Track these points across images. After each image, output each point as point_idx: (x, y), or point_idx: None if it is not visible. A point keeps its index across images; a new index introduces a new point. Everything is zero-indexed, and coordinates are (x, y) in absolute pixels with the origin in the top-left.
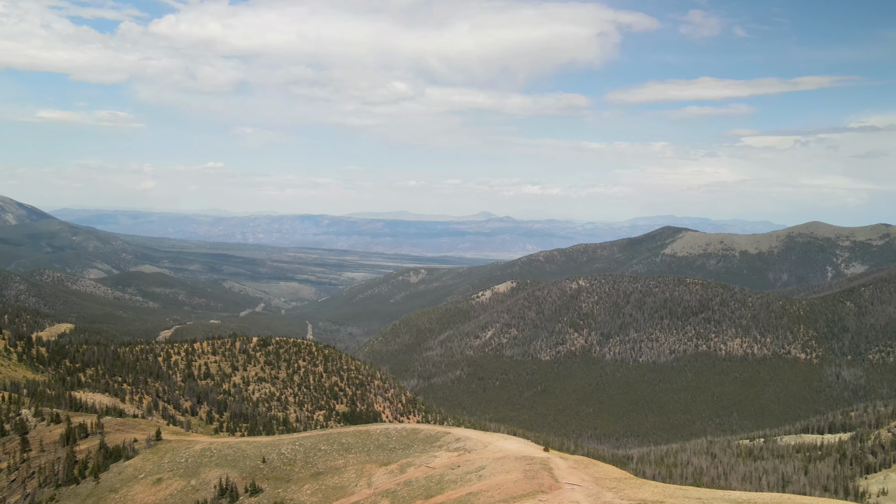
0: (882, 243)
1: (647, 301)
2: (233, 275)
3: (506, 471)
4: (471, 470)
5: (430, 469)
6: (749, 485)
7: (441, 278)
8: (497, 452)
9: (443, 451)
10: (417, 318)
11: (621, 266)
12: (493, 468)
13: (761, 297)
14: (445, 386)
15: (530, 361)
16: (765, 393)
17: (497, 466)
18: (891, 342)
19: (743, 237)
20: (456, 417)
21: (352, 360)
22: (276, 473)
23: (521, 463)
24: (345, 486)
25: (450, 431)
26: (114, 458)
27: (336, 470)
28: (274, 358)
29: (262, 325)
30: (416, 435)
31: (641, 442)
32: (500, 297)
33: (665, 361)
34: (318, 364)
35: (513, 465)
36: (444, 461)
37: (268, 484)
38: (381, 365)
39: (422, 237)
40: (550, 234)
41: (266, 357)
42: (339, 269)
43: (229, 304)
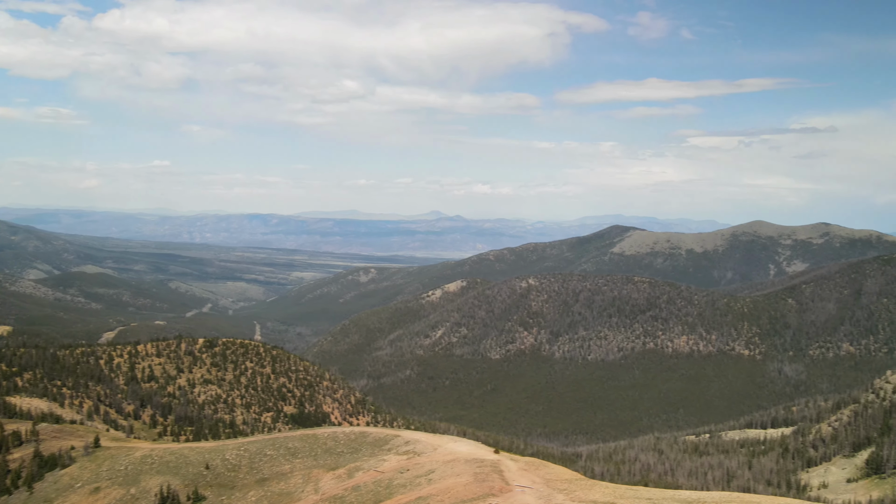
0: (822, 242)
1: (595, 299)
2: (179, 275)
3: (456, 474)
4: (420, 474)
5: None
6: (695, 480)
7: (391, 278)
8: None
9: (392, 455)
10: (367, 318)
11: (570, 265)
12: (443, 471)
13: (707, 295)
14: (395, 386)
15: (480, 360)
16: (710, 389)
17: (447, 470)
18: (830, 338)
19: (689, 236)
20: (406, 418)
21: (300, 360)
22: (220, 480)
23: (471, 466)
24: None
25: (399, 434)
26: (49, 467)
27: (282, 476)
28: (221, 359)
29: (209, 326)
30: (365, 438)
31: (590, 439)
32: (451, 296)
33: (613, 359)
34: (265, 365)
35: (463, 468)
36: (393, 465)
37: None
38: (331, 365)
39: (372, 236)
40: (500, 233)
41: (212, 359)
42: (287, 269)
43: (175, 305)
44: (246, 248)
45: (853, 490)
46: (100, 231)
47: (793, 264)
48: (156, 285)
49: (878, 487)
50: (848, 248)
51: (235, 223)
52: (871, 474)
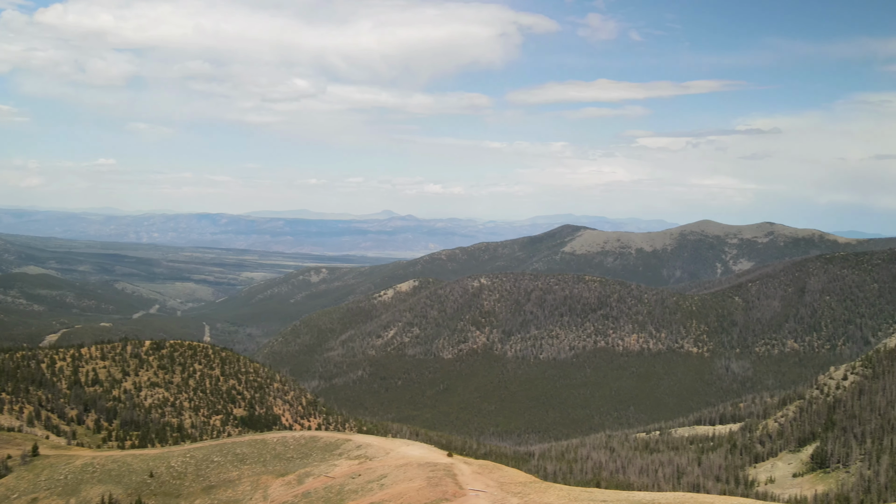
0: (767, 241)
1: (547, 298)
2: (126, 275)
3: (408, 478)
4: (372, 479)
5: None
6: (646, 477)
7: (342, 277)
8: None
9: (343, 460)
10: (318, 318)
11: (522, 264)
12: (396, 476)
13: (656, 294)
14: (347, 386)
15: (433, 360)
16: (660, 386)
17: (399, 474)
18: (775, 335)
19: (638, 235)
20: (358, 419)
21: (250, 362)
22: (165, 489)
23: (424, 470)
24: (239, 500)
25: (350, 438)
26: None
27: (229, 483)
28: (168, 362)
29: (157, 328)
30: (315, 443)
31: (542, 437)
32: (403, 295)
33: (565, 358)
34: (214, 367)
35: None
36: (344, 470)
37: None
38: (282, 366)
39: (323, 236)
40: (452, 232)
41: (160, 361)
42: (237, 269)
43: (122, 306)
44: (195, 248)
45: (799, 484)
46: (42, 231)
47: (739, 263)
48: (101, 286)
49: (823, 481)
50: (792, 247)
51: (184, 223)
52: (815, 469)
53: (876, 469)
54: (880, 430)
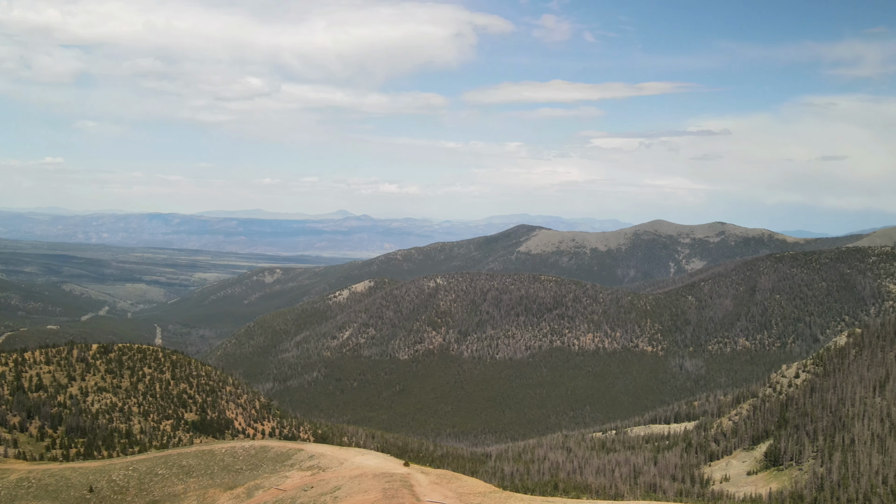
0: (718, 240)
1: (503, 298)
2: (74, 277)
3: (363, 490)
4: (325, 491)
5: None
6: (603, 477)
7: (297, 278)
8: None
9: (295, 471)
10: (272, 320)
11: (478, 264)
12: (350, 488)
13: (611, 293)
14: (302, 388)
15: (388, 361)
16: (615, 385)
17: (354, 486)
18: (727, 333)
19: (593, 235)
20: (313, 422)
21: (202, 365)
22: None
23: (379, 481)
24: None
25: (303, 448)
26: None
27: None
28: (116, 366)
29: (107, 330)
30: (266, 453)
31: (499, 438)
32: (358, 296)
33: (521, 357)
34: (165, 371)
35: (371, 484)
36: (296, 482)
37: None
38: (235, 368)
39: (277, 236)
40: (408, 232)
41: (107, 365)
42: (190, 270)
43: (70, 308)
44: (146, 249)
45: (753, 482)
46: None
47: (691, 262)
48: (48, 288)
49: (777, 479)
50: (742, 247)
51: (135, 223)
52: (769, 466)
53: (828, 466)
54: (832, 428)
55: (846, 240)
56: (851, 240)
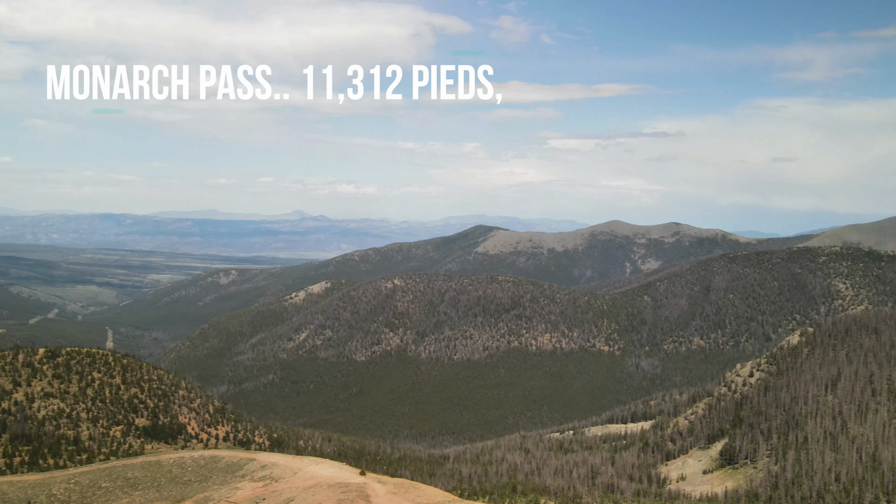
0: (673, 241)
1: (461, 299)
2: (21, 278)
3: (317, 501)
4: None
5: None
6: (561, 478)
7: (253, 279)
8: (308, 480)
9: (246, 482)
10: (228, 321)
11: (436, 264)
12: (304, 499)
13: (568, 294)
14: (258, 391)
15: (345, 363)
16: (572, 385)
17: (308, 497)
18: (682, 333)
19: (550, 235)
20: (268, 425)
21: (154, 369)
22: None
23: (334, 492)
24: None
25: (255, 457)
26: None
27: None
28: (64, 371)
29: (56, 333)
30: (216, 464)
31: (457, 439)
32: (315, 297)
33: (479, 358)
34: (115, 375)
35: (325, 495)
36: (247, 493)
37: None
38: (189, 371)
39: (233, 237)
40: (365, 233)
41: (55, 370)
42: (143, 271)
43: (17, 311)
44: (97, 250)
45: (709, 481)
46: None
47: (647, 262)
48: None
49: (732, 477)
50: (696, 247)
51: (86, 223)
52: (724, 465)
53: (782, 464)
54: (785, 426)
55: (796, 240)
56: (801, 240)
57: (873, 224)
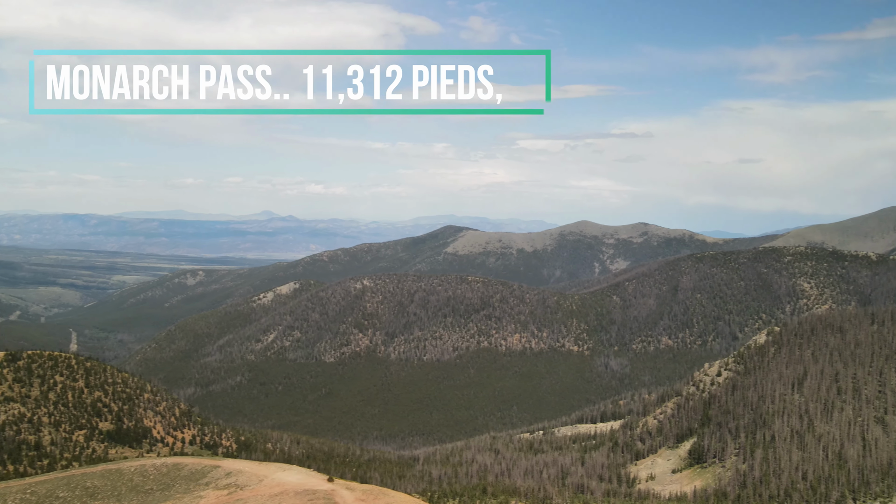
0: (641, 241)
1: (430, 299)
2: None
3: None
4: None
5: None
6: (531, 479)
7: (220, 280)
8: (274, 487)
9: (210, 490)
10: (195, 323)
11: (405, 265)
12: None
13: (538, 294)
14: (225, 393)
15: (314, 364)
16: (542, 385)
17: None
18: (651, 332)
19: (519, 236)
20: (236, 428)
21: (118, 372)
22: None
23: (301, 499)
24: None
25: (219, 464)
26: None
27: None
28: (25, 374)
29: (17, 336)
30: (179, 471)
31: (426, 440)
32: (283, 298)
33: (448, 359)
34: (78, 379)
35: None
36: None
37: None
38: (155, 374)
39: (200, 237)
40: (334, 233)
41: (15, 374)
42: (108, 272)
43: None
44: (61, 251)
45: (678, 480)
46: None
47: (616, 262)
48: None
49: (700, 476)
50: (664, 247)
51: (49, 224)
52: (693, 464)
53: (750, 463)
54: (753, 425)
55: (762, 240)
56: (767, 240)
57: (836, 224)
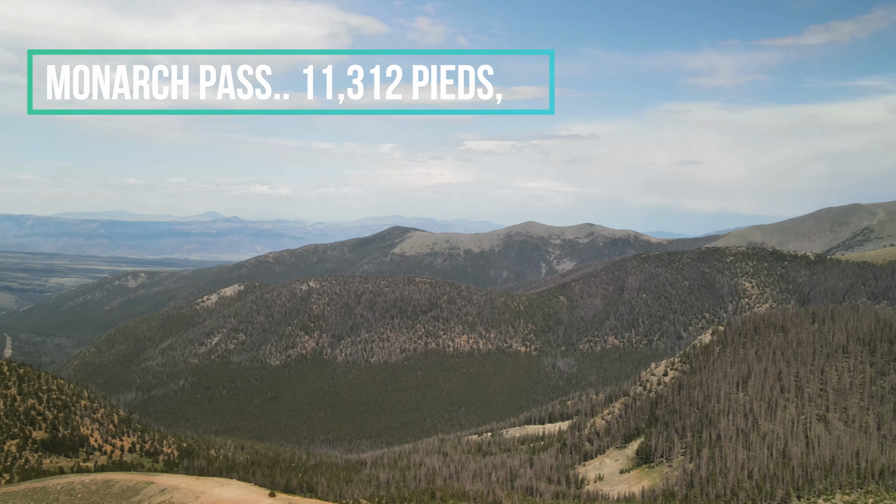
0: (587, 241)
1: (377, 301)
2: None
3: None
4: None
5: None
6: (480, 482)
7: (163, 282)
8: None
9: None
10: (136, 326)
11: (352, 266)
12: None
13: (485, 294)
14: (168, 398)
15: (259, 367)
16: (490, 386)
17: None
18: (597, 332)
19: (467, 236)
20: (177, 434)
21: (53, 378)
22: None
23: None
24: None
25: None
26: None
27: None
28: None
29: None
30: (109, 489)
31: (374, 443)
32: (227, 300)
33: (396, 360)
34: (10, 386)
35: None
36: None
37: None
38: (94, 379)
39: (142, 238)
40: (280, 234)
41: None
42: (46, 275)
43: None
44: None
45: (626, 480)
46: None
47: (562, 263)
48: None
49: (648, 476)
50: (610, 247)
51: None
52: (641, 464)
53: (697, 462)
54: (699, 424)
55: (704, 240)
56: (709, 240)
57: (776, 225)
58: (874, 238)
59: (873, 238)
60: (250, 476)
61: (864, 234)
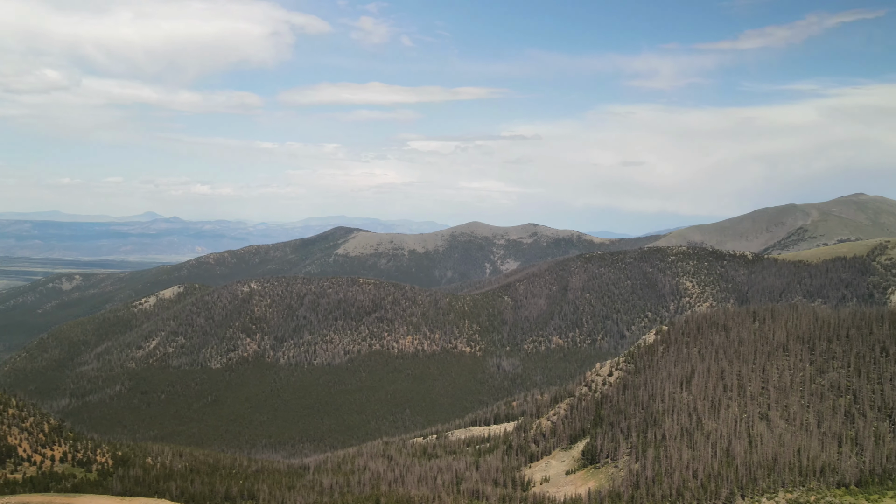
0: (531, 241)
1: (321, 302)
2: None
3: None
4: None
5: None
6: (425, 486)
7: (99, 284)
8: None
9: None
10: (70, 330)
11: (294, 267)
12: None
13: (430, 295)
14: (104, 403)
15: (199, 370)
16: (435, 387)
17: None
18: (542, 332)
19: (411, 237)
20: (113, 442)
21: None
22: None
23: None
24: None
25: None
26: None
27: None
28: None
29: None
30: None
31: (317, 447)
32: (166, 303)
33: (340, 362)
34: None
35: None
36: None
37: None
38: (25, 385)
39: (77, 239)
40: (221, 234)
41: None
42: None
43: None
44: None
45: (572, 481)
46: None
47: (506, 263)
48: None
49: (594, 477)
50: (553, 247)
51: None
52: (587, 465)
53: (643, 462)
54: (644, 424)
55: (646, 240)
56: (650, 240)
57: (714, 225)
58: (808, 238)
59: (807, 237)
60: (188, 485)
61: (798, 233)
